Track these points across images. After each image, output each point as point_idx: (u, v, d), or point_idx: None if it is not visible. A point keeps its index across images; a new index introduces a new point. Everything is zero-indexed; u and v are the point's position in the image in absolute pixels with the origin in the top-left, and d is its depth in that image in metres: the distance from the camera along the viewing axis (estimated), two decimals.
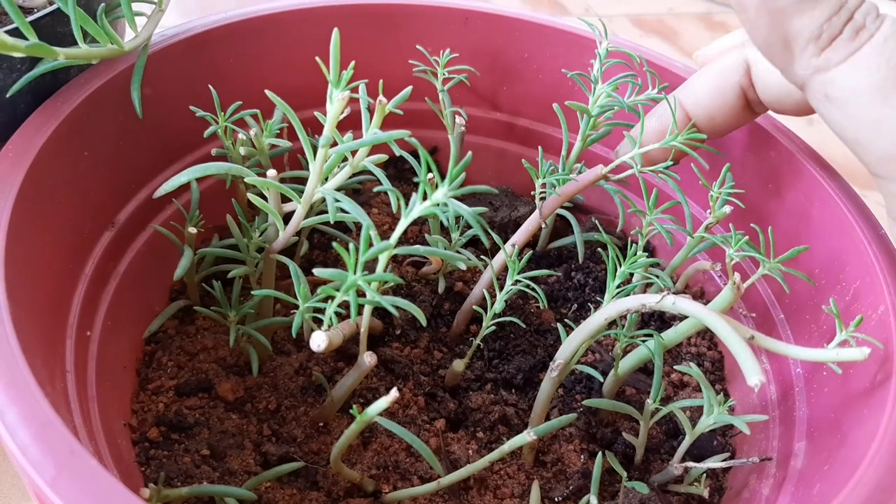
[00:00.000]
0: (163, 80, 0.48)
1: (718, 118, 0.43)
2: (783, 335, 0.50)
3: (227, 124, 0.45)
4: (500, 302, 0.45)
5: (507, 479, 0.45)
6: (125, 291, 0.47)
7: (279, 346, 0.50)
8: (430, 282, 0.55)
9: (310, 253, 0.56)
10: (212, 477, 0.42)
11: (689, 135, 0.46)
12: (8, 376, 0.29)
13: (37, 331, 0.36)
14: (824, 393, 0.45)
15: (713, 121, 0.43)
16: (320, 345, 0.34)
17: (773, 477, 0.44)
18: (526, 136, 0.64)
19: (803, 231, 0.48)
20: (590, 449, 0.47)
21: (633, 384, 0.51)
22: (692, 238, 0.48)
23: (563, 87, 0.58)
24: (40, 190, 0.39)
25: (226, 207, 0.46)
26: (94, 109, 0.44)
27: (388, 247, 0.34)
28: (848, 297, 0.45)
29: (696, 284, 0.58)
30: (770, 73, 0.42)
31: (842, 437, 0.40)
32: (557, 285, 0.57)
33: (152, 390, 0.46)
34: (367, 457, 0.44)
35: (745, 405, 0.50)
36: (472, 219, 0.35)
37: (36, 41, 0.34)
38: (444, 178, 0.34)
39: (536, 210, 0.48)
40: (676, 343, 0.45)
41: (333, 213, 0.36)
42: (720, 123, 0.44)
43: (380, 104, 0.35)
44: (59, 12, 0.41)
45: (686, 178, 0.50)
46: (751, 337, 0.38)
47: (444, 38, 0.58)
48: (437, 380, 0.50)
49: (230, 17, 0.52)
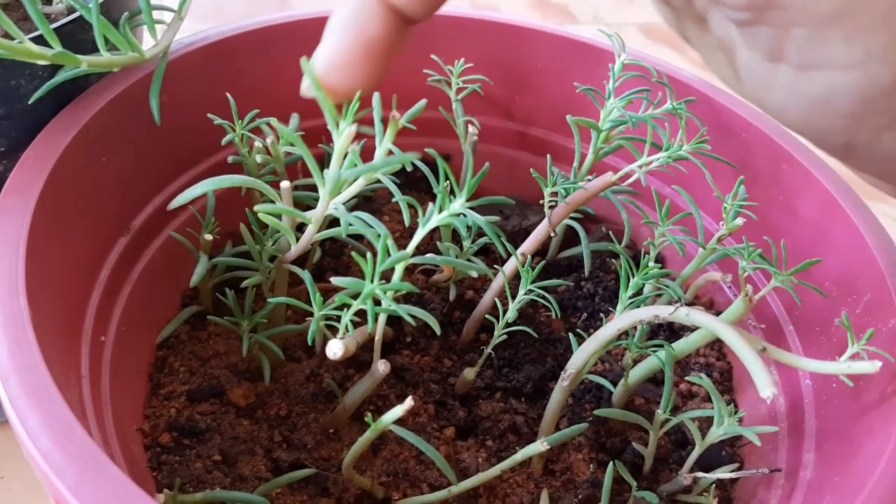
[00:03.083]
0: (180, 87, 0.48)
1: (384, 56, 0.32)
2: (793, 347, 0.50)
3: (244, 132, 0.45)
4: (513, 311, 0.45)
5: (516, 488, 0.45)
6: (139, 297, 0.47)
7: (290, 352, 0.50)
8: (440, 289, 0.56)
9: (321, 259, 0.56)
10: (223, 483, 0.42)
11: (697, 144, 0.46)
12: (30, 382, 0.30)
13: (55, 336, 0.36)
14: (834, 405, 0.45)
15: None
16: (336, 353, 0.35)
17: (781, 488, 0.44)
18: (538, 145, 0.64)
19: (815, 243, 0.49)
20: (598, 458, 0.47)
21: (642, 394, 0.51)
22: (704, 249, 0.48)
23: (577, 97, 0.58)
24: (60, 196, 0.40)
25: (240, 213, 0.47)
26: (113, 116, 0.44)
27: (404, 257, 0.34)
28: (859, 309, 0.45)
29: (706, 295, 0.58)
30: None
31: (852, 450, 0.41)
32: (567, 294, 0.57)
33: (164, 395, 0.46)
34: (377, 464, 0.45)
35: (753, 416, 0.50)
36: (489, 230, 0.35)
37: (61, 50, 0.35)
38: (456, 188, 0.34)
39: (545, 219, 0.49)
40: (687, 354, 0.46)
41: (345, 227, 0.36)
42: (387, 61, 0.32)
43: (393, 119, 0.35)
44: (81, 19, 0.42)
45: (695, 190, 0.50)
46: (763, 349, 0.38)
47: (457, 47, 0.59)
48: (448, 388, 0.50)
49: (248, 25, 0.53)
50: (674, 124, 0.48)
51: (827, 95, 0.24)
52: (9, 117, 0.41)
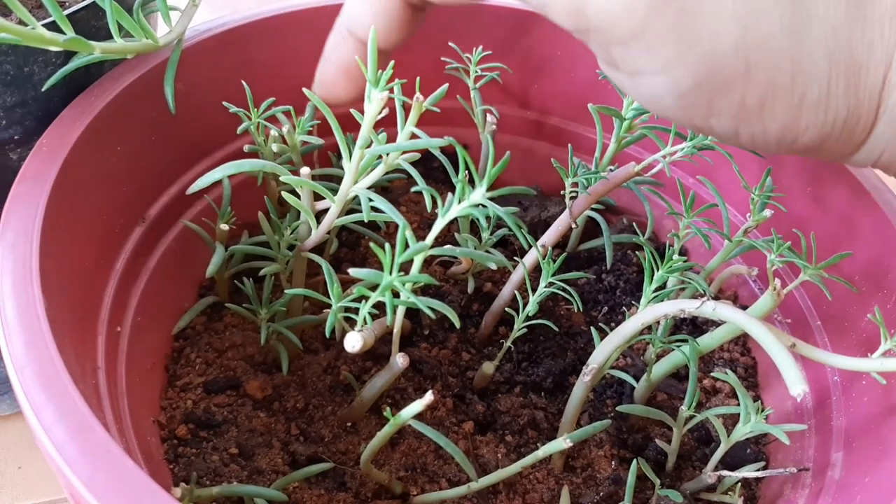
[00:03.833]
0: (194, 75, 0.48)
1: (394, 35, 0.38)
2: (820, 342, 0.49)
3: (260, 120, 0.45)
4: (533, 304, 0.44)
5: (536, 484, 0.44)
6: (155, 287, 0.47)
7: (307, 344, 0.50)
8: (458, 281, 0.55)
9: (338, 250, 0.56)
10: (240, 476, 0.41)
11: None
12: (44, 375, 0.29)
13: (70, 327, 0.36)
14: (864, 402, 0.44)
15: (391, 40, 0.38)
16: (355, 346, 0.34)
17: (808, 487, 0.43)
18: (556, 134, 0.63)
19: (843, 236, 0.47)
20: (620, 455, 0.46)
21: (664, 389, 0.50)
22: (730, 242, 0.47)
23: (596, 85, 0.57)
24: (74, 184, 0.39)
25: (256, 204, 0.46)
26: (127, 104, 0.43)
27: (424, 248, 0.33)
28: (889, 304, 0.44)
29: (730, 289, 0.57)
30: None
31: (884, 449, 0.39)
32: (588, 287, 0.56)
33: (181, 387, 0.46)
34: (395, 458, 0.44)
35: (779, 413, 0.49)
36: (510, 221, 0.34)
37: (74, 36, 0.34)
38: (474, 178, 0.33)
39: (566, 210, 0.48)
40: (711, 349, 0.45)
41: (367, 212, 0.36)
42: (397, 39, 0.39)
43: (416, 101, 0.35)
44: (94, 6, 0.41)
45: (720, 180, 0.49)
46: (792, 345, 0.37)
47: (474, 34, 0.57)
48: (466, 381, 0.49)
49: (263, 12, 0.52)
50: None
51: (654, 95, 0.29)
52: (22, 105, 0.41)
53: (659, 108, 0.31)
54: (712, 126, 0.30)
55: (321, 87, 0.39)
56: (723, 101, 0.28)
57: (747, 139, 0.30)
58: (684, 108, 0.29)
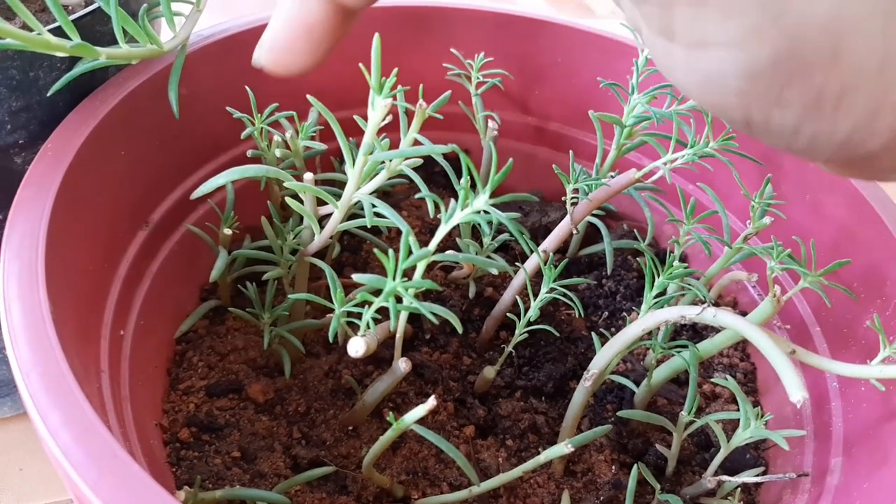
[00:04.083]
0: (198, 80, 0.48)
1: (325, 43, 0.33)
2: (819, 349, 0.49)
3: (264, 125, 0.45)
4: (535, 309, 0.45)
5: (536, 489, 0.44)
6: (158, 291, 0.47)
7: (309, 348, 0.50)
8: (459, 286, 0.55)
9: (340, 255, 0.56)
10: (242, 479, 0.42)
11: (724, 141, 0.45)
12: (50, 378, 0.29)
13: (75, 330, 0.36)
14: (862, 408, 0.44)
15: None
16: (358, 351, 0.34)
17: (808, 493, 0.43)
18: (556, 140, 0.63)
19: (843, 244, 0.48)
20: (620, 459, 0.47)
21: (664, 394, 0.51)
22: (730, 248, 0.48)
23: (597, 92, 0.57)
24: (78, 189, 0.39)
25: (258, 208, 0.46)
26: (132, 109, 0.44)
27: (427, 254, 0.33)
28: (888, 311, 0.44)
29: (729, 295, 0.57)
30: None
31: (883, 455, 0.40)
32: (588, 292, 0.56)
33: (183, 390, 0.46)
34: (396, 462, 0.44)
35: (778, 418, 0.49)
36: (513, 227, 0.34)
37: (80, 41, 0.34)
38: (476, 184, 0.33)
39: (567, 216, 0.48)
40: (711, 354, 0.45)
41: (370, 217, 0.36)
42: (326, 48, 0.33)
43: (419, 108, 0.35)
44: (99, 11, 0.42)
45: (720, 187, 0.49)
46: (792, 351, 0.37)
47: (475, 41, 0.58)
48: (467, 386, 0.49)
49: (266, 17, 0.52)
50: (699, 120, 0.46)
51: (716, 73, 0.25)
52: (27, 109, 0.41)
53: (711, 91, 0.26)
54: (771, 119, 0.25)
55: (271, 52, 0.33)
56: (797, 87, 0.24)
57: (806, 141, 0.25)
58: (746, 94, 0.25)
